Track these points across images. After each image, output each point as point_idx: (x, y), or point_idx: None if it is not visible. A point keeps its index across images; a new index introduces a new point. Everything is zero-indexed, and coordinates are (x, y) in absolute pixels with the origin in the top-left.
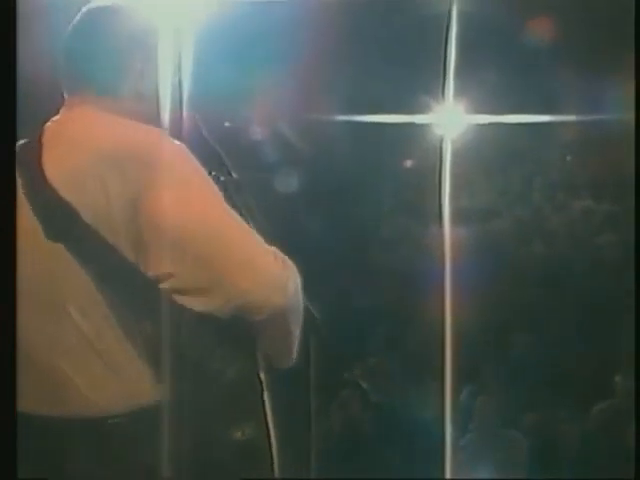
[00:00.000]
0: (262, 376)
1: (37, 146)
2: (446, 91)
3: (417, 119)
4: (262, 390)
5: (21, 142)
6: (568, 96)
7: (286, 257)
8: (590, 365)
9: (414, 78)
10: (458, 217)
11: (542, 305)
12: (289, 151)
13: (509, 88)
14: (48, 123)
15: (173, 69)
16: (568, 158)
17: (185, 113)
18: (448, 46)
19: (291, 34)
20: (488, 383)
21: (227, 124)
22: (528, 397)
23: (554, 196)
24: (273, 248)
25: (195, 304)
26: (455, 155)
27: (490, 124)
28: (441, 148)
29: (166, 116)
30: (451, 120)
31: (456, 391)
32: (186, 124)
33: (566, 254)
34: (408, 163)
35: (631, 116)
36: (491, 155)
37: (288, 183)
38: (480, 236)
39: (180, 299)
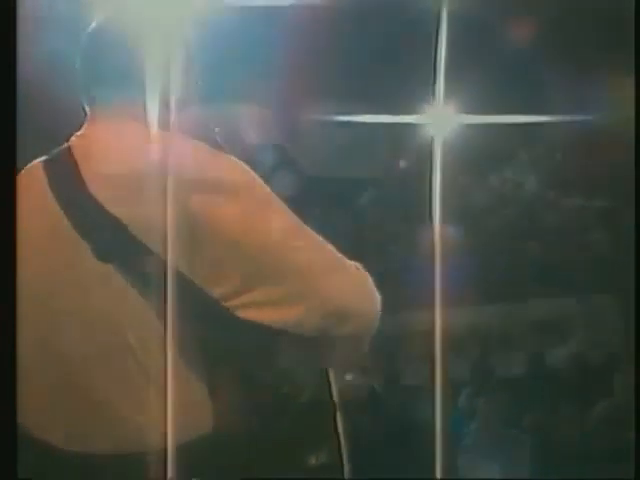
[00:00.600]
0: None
1: (70, 162)
2: (436, 92)
3: (407, 119)
4: (335, 412)
5: (42, 159)
6: (557, 96)
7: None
8: (588, 363)
9: (404, 79)
10: (449, 217)
11: (536, 302)
12: (281, 152)
13: (499, 89)
14: (73, 139)
15: (186, 75)
16: (558, 157)
17: (207, 126)
18: (438, 47)
19: (283, 36)
20: (486, 384)
21: (217, 129)
22: (528, 397)
23: (544, 195)
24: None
25: (275, 318)
26: (446, 155)
27: (481, 124)
28: (432, 148)
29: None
30: (442, 120)
31: (454, 393)
32: (209, 137)
33: (558, 251)
34: (399, 163)
35: (618, 115)
36: (482, 155)
37: (279, 184)
38: (471, 235)
39: (257, 314)
